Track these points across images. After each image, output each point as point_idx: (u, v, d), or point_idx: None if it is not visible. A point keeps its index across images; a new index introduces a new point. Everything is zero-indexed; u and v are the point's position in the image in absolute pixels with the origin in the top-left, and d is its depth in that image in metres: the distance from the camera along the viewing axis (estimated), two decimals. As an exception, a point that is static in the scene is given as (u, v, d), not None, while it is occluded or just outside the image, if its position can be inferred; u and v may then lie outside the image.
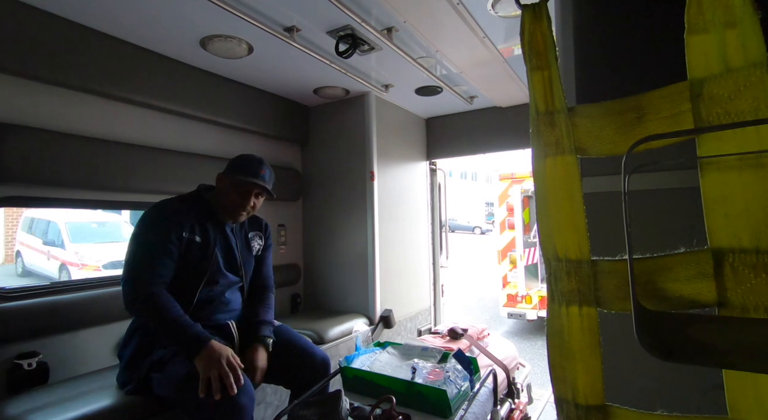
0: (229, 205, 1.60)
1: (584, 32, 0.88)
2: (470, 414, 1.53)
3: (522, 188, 6.07)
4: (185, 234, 1.52)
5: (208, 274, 1.56)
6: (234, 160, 1.64)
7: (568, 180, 0.75)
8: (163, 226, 1.49)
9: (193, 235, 1.54)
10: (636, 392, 0.81)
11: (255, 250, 1.78)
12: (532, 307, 5.74)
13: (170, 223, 1.50)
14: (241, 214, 1.62)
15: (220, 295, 1.62)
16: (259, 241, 1.81)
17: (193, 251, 1.54)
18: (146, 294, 1.41)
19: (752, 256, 0.60)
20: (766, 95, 0.59)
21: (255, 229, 1.80)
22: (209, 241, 1.58)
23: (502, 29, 1.87)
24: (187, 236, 1.52)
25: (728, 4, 0.61)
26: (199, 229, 1.56)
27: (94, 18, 1.68)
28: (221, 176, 1.63)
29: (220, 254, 1.62)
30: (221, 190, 1.62)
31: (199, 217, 1.58)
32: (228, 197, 1.59)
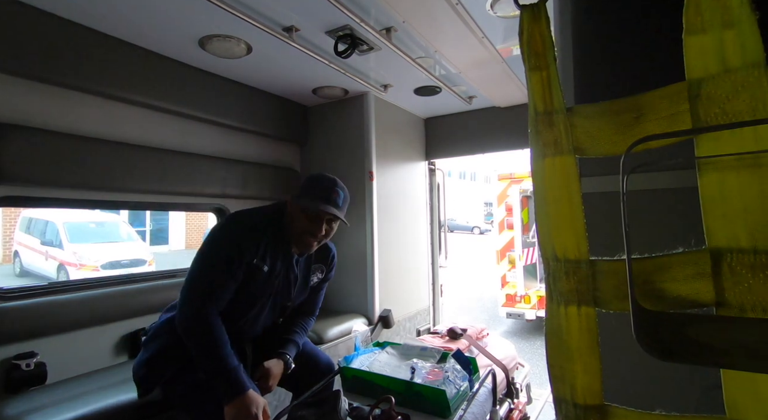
0: (298, 233, 1.47)
1: (583, 32, 0.88)
2: (469, 414, 1.53)
3: (521, 188, 6.08)
4: (255, 261, 1.42)
5: (260, 303, 1.50)
6: (304, 183, 1.52)
7: (566, 180, 0.75)
8: (234, 248, 1.39)
9: (262, 263, 1.43)
10: (634, 392, 0.81)
11: (312, 282, 1.68)
12: (531, 306, 5.75)
13: (243, 245, 1.40)
14: (312, 244, 1.50)
15: (256, 316, 1.55)
16: (320, 274, 1.70)
17: (256, 279, 1.44)
18: (200, 320, 1.34)
19: (750, 256, 0.60)
20: (763, 95, 0.59)
21: (320, 261, 1.68)
22: (274, 272, 1.48)
23: (501, 29, 1.87)
24: (255, 263, 1.42)
25: (726, 4, 0.61)
26: (270, 257, 1.46)
27: (93, 18, 1.68)
28: (290, 202, 1.50)
29: (279, 286, 1.54)
30: (290, 216, 1.49)
31: (273, 242, 1.48)
32: (297, 224, 1.47)
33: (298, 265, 1.59)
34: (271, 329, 1.67)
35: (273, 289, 1.51)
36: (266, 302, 1.53)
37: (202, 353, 1.32)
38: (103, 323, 1.87)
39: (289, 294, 1.59)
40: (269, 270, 1.45)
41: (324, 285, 1.75)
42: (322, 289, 1.75)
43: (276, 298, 1.56)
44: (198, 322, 1.33)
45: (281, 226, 1.50)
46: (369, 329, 2.63)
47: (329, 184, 1.49)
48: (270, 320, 1.62)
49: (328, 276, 1.74)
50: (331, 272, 1.74)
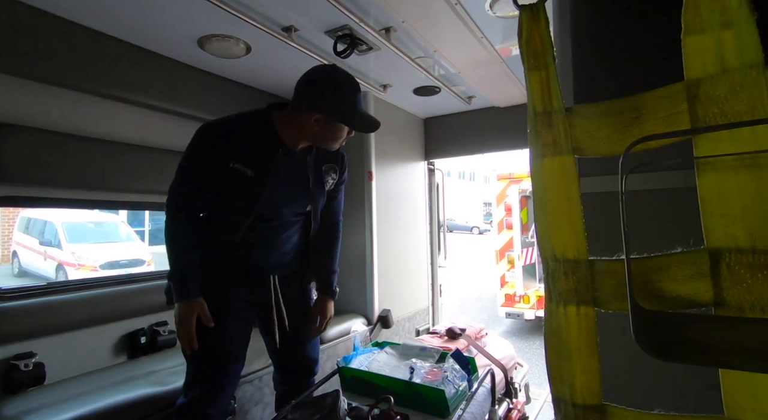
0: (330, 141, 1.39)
1: (582, 33, 0.88)
2: (468, 414, 1.54)
3: (520, 188, 6.09)
4: (233, 164, 1.29)
5: (255, 214, 1.37)
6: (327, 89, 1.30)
7: (565, 180, 0.75)
8: (203, 153, 1.30)
9: (244, 168, 1.31)
10: (633, 392, 0.81)
11: (328, 185, 1.54)
12: (530, 306, 5.75)
13: (214, 150, 1.29)
14: (339, 145, 1.43)
15: (272, 236, 1.44)
16: (334, 175, 1.55)
17: (240, 186, 1.32)
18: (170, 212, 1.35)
19: (748, 256, 0.60)
20: (762, 96, 0.59)
21: (330, 160, 1.52)
22: (264, 176, 1.34)
23: (500, 29, 1.87)
24: (234, 167, 1.29)
25: (725, 5, 0.61)
26: (255, 160, 1.32)
27: (93, 18, 1.68)
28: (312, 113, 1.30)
29: (281, 190, 1.39)
30: (309, 126, 1.33)
31: (259, 144, 1.34)
32: (324, 132, 1.35)
33: (308, 165, 1.45)
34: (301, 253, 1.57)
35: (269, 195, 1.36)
36: (270, 210, 1.40)
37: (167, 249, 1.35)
38: (102, 323, 1.87)
39: (306, 198, 1.47)
40: (256, 174, 1.32)
41: (340, 189, 1.63)
42: (339, 192, 1.63)
43: (287, 203, 1.44)
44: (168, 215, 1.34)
45: (271, 126, 1.36)
46: (368, 329, 2.63)
47: (356, 89, 1.36)
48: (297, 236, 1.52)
49: (342, 178, 1.61)
50: (345, 174, 1.62)
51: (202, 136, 1.32)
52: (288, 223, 1.47)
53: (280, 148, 1.36)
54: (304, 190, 1.45)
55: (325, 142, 1.38)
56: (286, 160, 1.38)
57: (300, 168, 1.43)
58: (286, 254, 1.50)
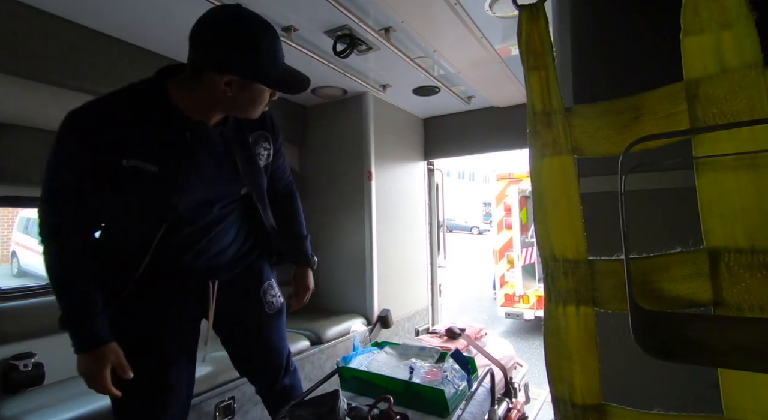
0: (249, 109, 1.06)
1: (581, 33, 0.88)
2: (468, 413, 1.54)
3: (519, 188, 6.09)
4: (127, 161, 0.95)
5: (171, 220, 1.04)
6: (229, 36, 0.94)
7: (565, 180, 0.75)
8: (78, 151, 0.94)
9: (144, 163, 0.97)
10: (632, 391, 0.81)
11: (263, 159, 1.21)
12: (530, 306, 5.75)
13: (94, 144, 0.93)
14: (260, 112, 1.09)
15: (200, 238, 1.12)
16: (266, 145, 1.22)
17: (142, 188, 0.99)
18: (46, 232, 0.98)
19: (747, 256, 0.60)
20: (761, 96, 0.59)
21: (257, 128, 1.19)
22: (173, 169, 1.01)
23: (500, 29, 1.87)
24: (130, 164, 0.95)
25: (724, 5, 0.61)
26: (156, 150, 0.99)
27: (93, 17, 1.68)
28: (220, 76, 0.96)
29: (202, 182, 1.08)
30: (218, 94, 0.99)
31: (158, 128, 0.99)
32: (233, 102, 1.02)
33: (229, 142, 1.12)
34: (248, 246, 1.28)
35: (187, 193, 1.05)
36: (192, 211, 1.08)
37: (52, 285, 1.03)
38: (102, 323, 1.87)
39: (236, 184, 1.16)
40: (161, 168, 0.99)
41: (279, 156, 1.31)
42: (278, 158, 1.31)
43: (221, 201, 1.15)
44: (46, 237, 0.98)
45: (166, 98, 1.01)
46: (368, 329, 2.63)
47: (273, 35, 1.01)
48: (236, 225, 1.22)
49: (278, 145, 1.28)
50: (279, 139, 1.28)
51: (73, 126, 0.95)
52: (219, 217, 1.15)
53: (186, 127, 1.02)
54: (232, 174, 1.13)
55: (243, 110, 1.05)
56: (199, 141, 1.04)
57: (221, 147, 1.10)
58: (223, 253, 1.19)
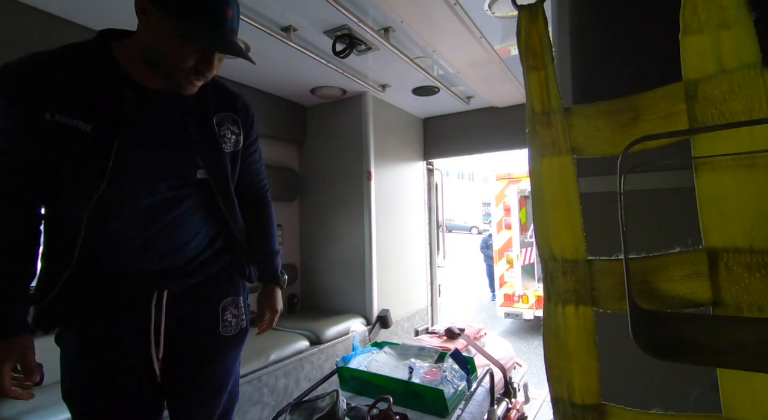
0: (173, 69, 0.87)
1: (580, 33, 0.88)
2: (467, 413, 1.54)
3: (519, 188, 6.10)
4: (52, 116, 0.82)
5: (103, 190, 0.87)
6: None
7: (564, 180, 0.75)
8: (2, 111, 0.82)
9: (73, 120, 0.83)
10: (631, 391, 0.81)
11: (229, 144, 1.04)
12: (529, 306, 5.76)
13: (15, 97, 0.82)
14: (195, 85, 0.91)
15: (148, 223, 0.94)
16: (234, 129, 1.06)
17: (71, 149, 0.84)
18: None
19: (746, 256, 0.60)
20: (759, 96, 0.59)
21: (225, 109, 1.05)
22: (110, 129, 0.86)
23: (499, 30, 1.88)
24: (55, 120, 0.82)
25: (723, 5, 0.61)
26: (90, 107, 0.85)
27: (91, 18, 1.67)
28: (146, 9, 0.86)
29: (147, 149, 0.91)
30: (152, 34, 0.86)
31: (95, 85, 0.87)
32: (170, 54, 0.85)
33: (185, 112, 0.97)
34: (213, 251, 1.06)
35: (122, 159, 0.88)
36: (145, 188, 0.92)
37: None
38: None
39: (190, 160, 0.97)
40: (94, 127, 0.85)
41: (253, 150, 1.15)
42: (252, 154, 1.15)
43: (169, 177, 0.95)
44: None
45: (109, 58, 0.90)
46: (367, 329, 2.63)
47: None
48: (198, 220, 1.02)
49: (251, 135, 1.13)
50: (253, 130, 1.14)
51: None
52: (169, 202, 0.96)
53: (128, 86, 0.89)
54: (184, 149, 0.96)
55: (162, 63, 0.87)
56: (144, 104, 0.92)
57: (173, 116, 0.96)
58: (178, 252, 0.99)
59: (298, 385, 2.09)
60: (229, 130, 1.05)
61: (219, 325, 1.07)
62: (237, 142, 1.07)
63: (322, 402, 1.41)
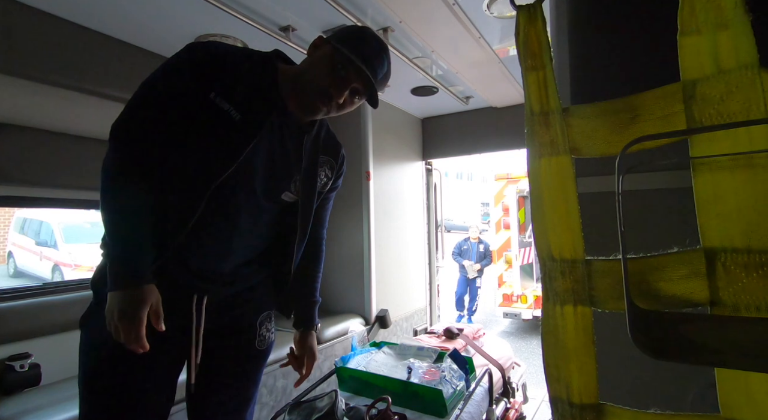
0: (309, 87, 0.98)
1: (579, 33, 0.88)
2: (466, 413, 1.54)
3: (517, 188, 6.11)
4: (214, 96, 0.92)
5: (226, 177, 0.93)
6: (347, 31, 1.03)
7: (562, 180, 0.75)
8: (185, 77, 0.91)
9: (229, 105, 0.93)
10: (630, 391, 0.81)
11: (320, 182, 1.13)
12: (528, 306, 5.77)
13: (198, 75, 0.91)
14: (318, 110, 1.00)
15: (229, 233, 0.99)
16: (328, 172, 1.17)
17: (217, 130, 0.93)
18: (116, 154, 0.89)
19: (744, 256, 0.61)
20: (757, 96, 0.59)
21: (328, 153, 1.16)
22: (255, 124, 0.95)
23: (498, 30, 1.88)
24: (216, 100, 0.92)
25: (720, 5, 0.61)
26: (246, 101, 0.95)
27: (90, 18, 1.67)
28: (320, 41, 1.02)
29: (264, 160, 0.99)
30: (310, 61, 1.02)
31: (256, 87, 0.97)
32: (313, 74, 0.98)
33: (303, 144, 1.06)
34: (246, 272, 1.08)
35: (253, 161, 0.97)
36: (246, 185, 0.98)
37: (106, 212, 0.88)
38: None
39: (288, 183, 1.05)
40: (243, 118, 0.94)
41: (331, 196, 1.24)
42: (329, 201, 1.24)
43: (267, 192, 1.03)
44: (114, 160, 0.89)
45: (275, 72, 1.02)
46: (366, 329, 2.63)
47: (378, 46, 1.00)
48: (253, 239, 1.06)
49: (337, 183, 1.22)
50: (340, 179, 1.23)
51: (190, 54, 0.93)
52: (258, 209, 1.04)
53: (277, 102, 1.00)
54: (289, 170, 1.05)
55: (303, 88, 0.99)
56: (279, 124, 1.01)
57: (292, 142, 1.05)
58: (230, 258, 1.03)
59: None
60: (324, 173, 1.16)
61: (256, 340, 1.12)
62: (325, 185, 1.17)
63: (321, 402, 1.41)
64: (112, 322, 0.85)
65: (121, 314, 0.84)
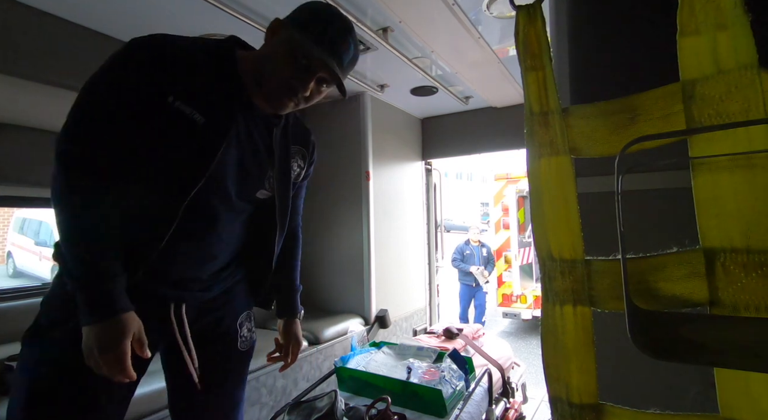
0: (272, 81, 0.90)
1: (578, 33, 0.88)
2: (465, 413, 1.54)
3: (517, 188, 6.11)
4: (173, 101, 0.82)
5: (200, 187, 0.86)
6: (304, 11, 0.92)
7: (562, 180, 0.75)
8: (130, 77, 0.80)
9: (191, 109, 0.84)
10: (629, 391, 0.81)
11: (293, 174, 1.09)
12: (527, 306, 5.77)
13: (147, 75, 0.81)
14: (286, 105, 0.93)
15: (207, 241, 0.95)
16: (300, 162, 1.12)
17: (181, 138, 0.84)
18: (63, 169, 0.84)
19: (743, 256, 0.61)
20: (756, 96, 0.59)
21: (300, 143, 1.11)
22: (223, 126, 0.88)
23: (497, 30, 1.88)
24: (176, 106, 0.83)
25: (719, 6, 0.61)
26: (208, 101, 0.86)
27: (90, 17, 1.67)
28: (277, 25, 0.93)
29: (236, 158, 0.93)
30: (269, 49, 0.92)
31: (217, 83, 0.88)
32: (274, 67, 0.89)
33: (273, 138, 1.01)
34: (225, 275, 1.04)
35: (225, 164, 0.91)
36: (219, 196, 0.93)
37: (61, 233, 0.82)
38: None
39: (261, 180, 1.00)
40: (208, 122, 0.85)
41: (304, 184, 1.20)
42: (303, 188, 1.21)
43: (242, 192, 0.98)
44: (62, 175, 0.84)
45: (233, 64, 0.92)
46: (365, 329, 2.63)
47: (342, 27, 0.91)
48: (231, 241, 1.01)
49: (309, 171, 1.19)
50: (312, 167, 1.19)
51: (131, 51, 0.82)
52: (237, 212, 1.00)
53: (242, 99, 0.92)
54: (262, 167, 1.00)
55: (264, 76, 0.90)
56: (245, 117, 0.94)
57: (261, 137, 0.99)
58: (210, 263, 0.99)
59: (296, 386, 2.09)
60: (297, 163, 1.11)
61: (238, 341, 1.09)
62: (299, 176, 1.14)
63: (321, 402, 1.41)
64: (91, 358, 0.77)
65: (102, 350, 0.76)
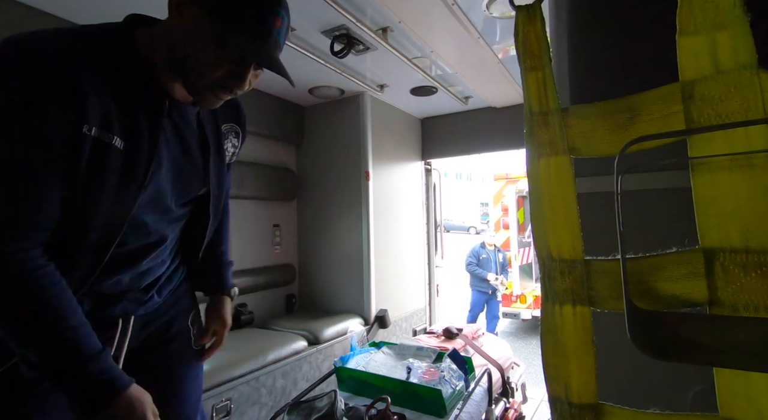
0: (199, 79, 0.75)
1: (578, 33, 0.88)
2: (465, 413, 1.54)
3: (517, 188, 6.12)
4: (87, 129, 0.66)
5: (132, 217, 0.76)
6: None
7: (561, 180, 0.75)
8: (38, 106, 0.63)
9: (108, 132, 0.69)
10: (629, 391, 0.81)
11: (228, 155, 0.98)
12: (527, 306, 5.78)
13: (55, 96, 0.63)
14: (219, 100, 0.80)
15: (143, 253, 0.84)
16: (235, 141, 1.00)
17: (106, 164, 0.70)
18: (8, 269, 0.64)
19: (742, 256, 0.61)
20: (755, 96, 0.59)
21: (230, 119, 0.97)
22: (150, 147, 0.75)
23: (497, 30, 1.88)
24: (93, 134, 0.67)
25: (718, 6, 0.61)
26: (125, 120, 0.72)
27: (90, 17, 1.67)
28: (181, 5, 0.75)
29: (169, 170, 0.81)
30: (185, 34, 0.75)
31: (122, 87, 0.72)
32: (196, 58, 0.74)
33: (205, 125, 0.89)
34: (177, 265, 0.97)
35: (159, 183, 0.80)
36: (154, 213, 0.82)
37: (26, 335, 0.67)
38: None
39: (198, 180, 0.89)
40: (130, 147, 0.73)
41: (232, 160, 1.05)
42: (232, 164, 1.06)
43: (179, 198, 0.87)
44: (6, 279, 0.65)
45: (135, 51, 0.76)
46: (365, 329, 2.63)
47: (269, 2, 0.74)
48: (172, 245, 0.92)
49: (241, 146, 1.05)
50: (244, 141, 1.05)
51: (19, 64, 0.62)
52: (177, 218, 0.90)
53: (162, 102, 0.78)
54: (195, 166, 0.88)
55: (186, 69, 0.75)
56: (170, 116, 0.81)
57: (193, 130, 0.87)
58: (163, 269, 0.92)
59: (296, 386, 2.09)
60: (231, 143, 0.98)
61: (192, 340, 1.03)
62: (233, 156, 1.02)
63: (320, 402, 1.41)
64: None
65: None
